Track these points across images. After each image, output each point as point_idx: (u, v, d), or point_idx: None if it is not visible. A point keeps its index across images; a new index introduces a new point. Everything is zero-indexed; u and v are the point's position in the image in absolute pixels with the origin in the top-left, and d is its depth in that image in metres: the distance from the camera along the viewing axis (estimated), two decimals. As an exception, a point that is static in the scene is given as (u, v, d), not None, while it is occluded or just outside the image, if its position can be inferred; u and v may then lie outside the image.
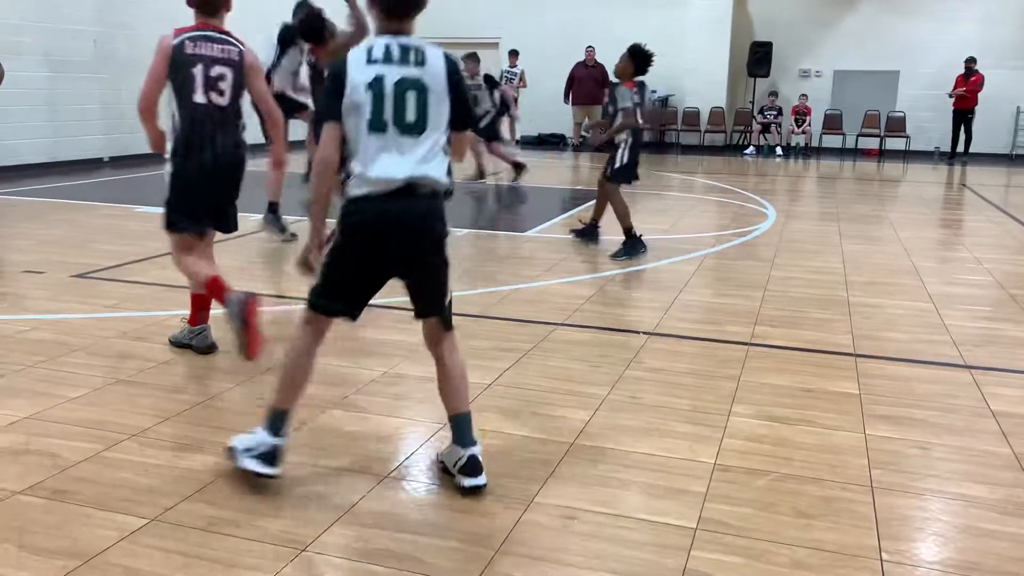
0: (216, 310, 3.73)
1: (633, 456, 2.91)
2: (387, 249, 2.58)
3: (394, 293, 5.07)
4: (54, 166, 10.80)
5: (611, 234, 6.68)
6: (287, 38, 7.06)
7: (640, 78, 6.40)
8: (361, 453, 2.89)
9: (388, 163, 2.49)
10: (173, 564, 2.20)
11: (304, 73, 7.16)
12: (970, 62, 14.55)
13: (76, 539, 2.31)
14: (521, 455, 2.90)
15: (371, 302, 2.76)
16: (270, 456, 2.62)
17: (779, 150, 15.95)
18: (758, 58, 16.24)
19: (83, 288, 5.15)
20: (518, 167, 10.33)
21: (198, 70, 3.61)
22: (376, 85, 2.47)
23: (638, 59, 6.32)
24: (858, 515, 2.54)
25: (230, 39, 3.74)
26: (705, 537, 2.39)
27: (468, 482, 2.64)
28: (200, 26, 3.68)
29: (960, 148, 14.98)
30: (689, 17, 16.47)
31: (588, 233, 6.93)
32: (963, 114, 14.79)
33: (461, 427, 2.72)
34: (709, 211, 9.13)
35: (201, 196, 3.74)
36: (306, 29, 6.37)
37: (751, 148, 16.19)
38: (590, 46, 15.19)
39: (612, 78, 13.73)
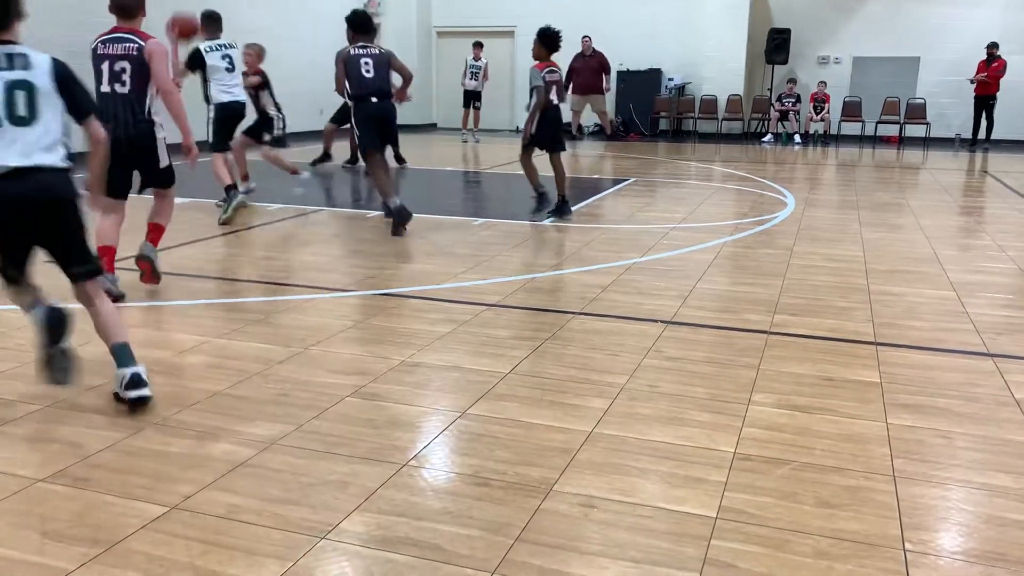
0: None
1: (652, 445, 2.90)
2: (23, 220, 3.02)
3: (411, 282, 5.05)
4: (78, 158, 10.86)
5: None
6: None
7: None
8: (379, 441, 2.89)
9: (5, 151, 2.94)
10: (193, 551, 2.21)
11: None
12: (992, 47, 14.34)
13: (98, 526, 2.32)
14: (539, 444, 2.89)
15: (391, 291, 2.75)
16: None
17: (797, 138, 15.81)
18: (776, 45, 16.10)
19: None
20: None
21: (105, 66, 4.47)
22: None
23: (546, 40, 7.04)
24: (881, 504, 2.51)
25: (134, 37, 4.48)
26: (725, 526, 2.37)
27: (133, 393, 3.10)
28: (112, 29, 4.51)
29: (982, 135, 14.80)
30: (707, 4, 16.34)
31: (544, 205, 7.42)
32: (985, 100, 14.60)
33: (122, 354, 3.15)
34: (727, 199, 9.07)
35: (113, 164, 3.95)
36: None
37: (769, 136, 16.06)
38: (586, 36, 15.11)
39: (609, 65, 13.93)
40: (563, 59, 15.92)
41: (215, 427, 2.98)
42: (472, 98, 15.26)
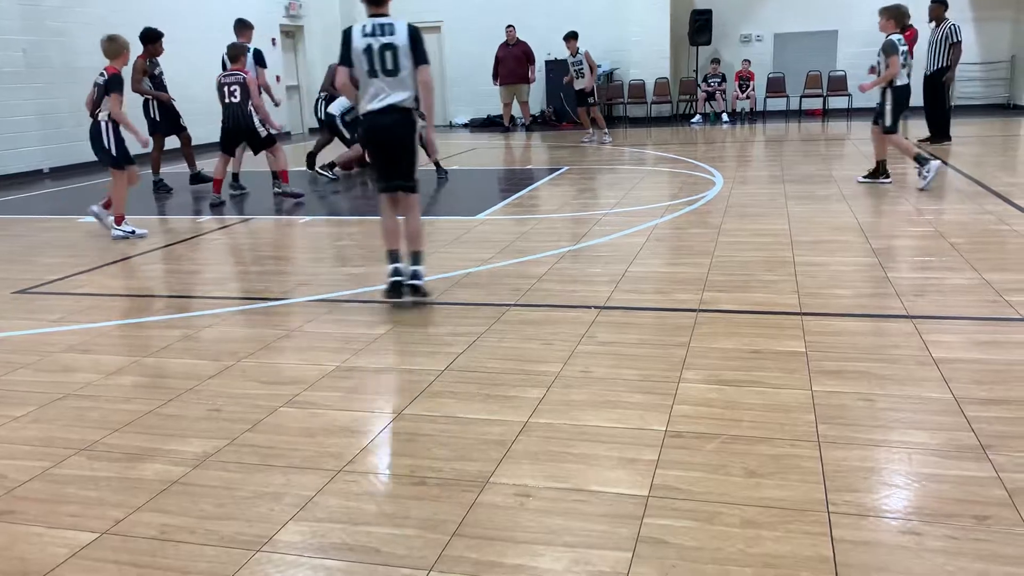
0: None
1: (586, 430, 2.94)
2: (382, 139, 4.52)
3: (345, 286, 5.01)
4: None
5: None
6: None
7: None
8: (314, 449, 2.88)
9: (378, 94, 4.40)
10: (126, 576, 2.18)
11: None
12: (904, 17, 14.74)
13: (25, 559, 2.27)
14: (475, 438, 2.91)
15: (324, 296, 2.75)
16: None
17: (725, 117, 16.08)
18: (699, 26, 16.33)
19: (26, 304, 5.05)
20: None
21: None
22: (368, 50, 4.35)
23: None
24: (806, 470, 2.59)
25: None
26: (657, 504, 2.42)
27: (410, 281, 4.57)
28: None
29: (901, 103, 15.21)
30: (629, -11, 16.50)
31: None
32: (901, 69, 14.99)
33: (414, 257, 4.67)
34: (658, 182, 9.19)
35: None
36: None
37: (697, 116, 16.30)
38: (510, 25, 15.12)
39: (533, 54, 14.67)
40: (489, 49, 16.05)
41: (145, 448, 2.94)
42: (585, 96, 13.39)
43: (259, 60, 9.23)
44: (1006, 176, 8.28)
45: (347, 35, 4.39)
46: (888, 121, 7.96)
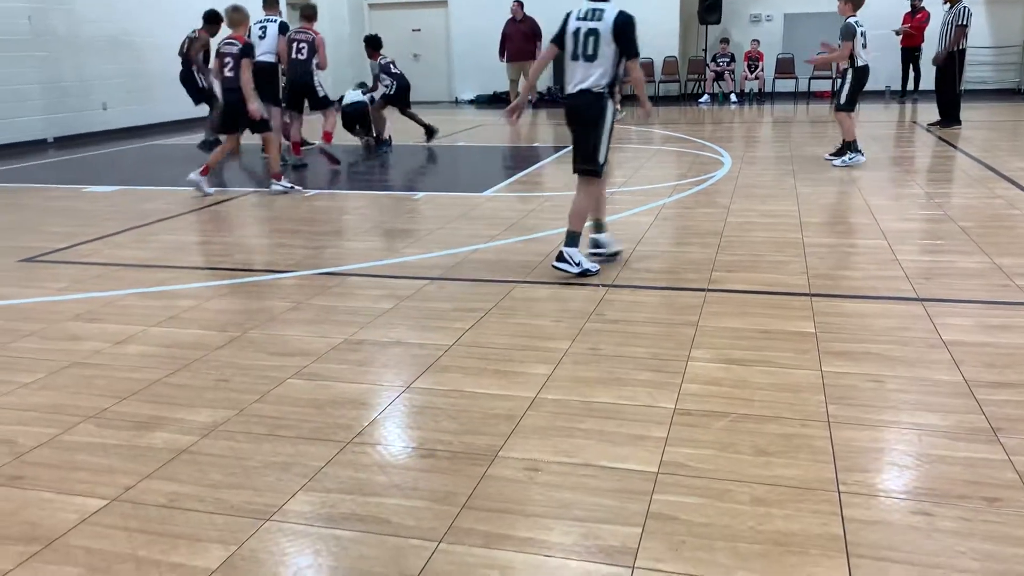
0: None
1: (595, 406, 2.94)
2: (572, 121, 4.56)
3: (352, 260, 4.99)
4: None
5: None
6: None
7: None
8: (323, 420, 2.87)
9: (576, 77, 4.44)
10: (135, 543, 2.18)
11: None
12: (915, -1, 14.61)
13: (35, 524, 2.28)
14: (484, 412, 2.91)
15: (331, 270, 2.72)
16: None
17: (733, 97, 15.97)
18: (709, 5, 16.19)
19: (33, 272, 5.04)
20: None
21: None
22: (576, 33, 4.42)
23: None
24: (816, 450, 2.59)
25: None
26: (667, 480, 2.42)
27: (556, 263, 4.56)
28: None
29: (910, 86, 15.11)
30: (638, -34, 16.33)
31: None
32: (911, 52, 14.89)
33: (568, 236, 4.59)
34: (666, 161, 9.14)
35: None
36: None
37: (706, 96, 16.20)
38: (516, 1, 14.95)
39: (540, 30, 14.36)
40: (496, 25, 15.92)
41: (154, 416, 2.94)
42: None
43: (283, 30, 9.26)
44: (1016, 161, 8.22)
45: (566, 17, 4.50)
46: (843, 100, 8.27)
